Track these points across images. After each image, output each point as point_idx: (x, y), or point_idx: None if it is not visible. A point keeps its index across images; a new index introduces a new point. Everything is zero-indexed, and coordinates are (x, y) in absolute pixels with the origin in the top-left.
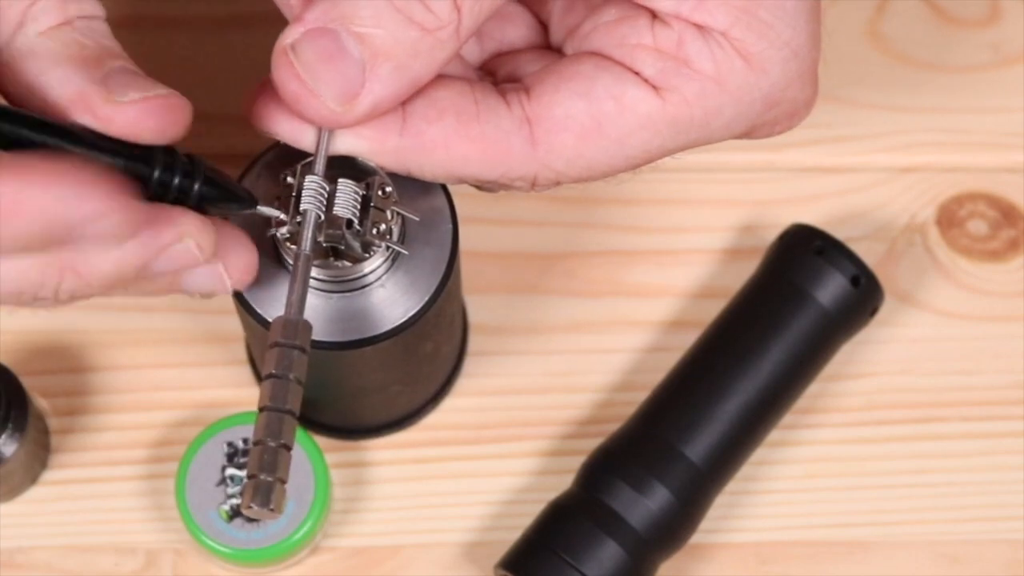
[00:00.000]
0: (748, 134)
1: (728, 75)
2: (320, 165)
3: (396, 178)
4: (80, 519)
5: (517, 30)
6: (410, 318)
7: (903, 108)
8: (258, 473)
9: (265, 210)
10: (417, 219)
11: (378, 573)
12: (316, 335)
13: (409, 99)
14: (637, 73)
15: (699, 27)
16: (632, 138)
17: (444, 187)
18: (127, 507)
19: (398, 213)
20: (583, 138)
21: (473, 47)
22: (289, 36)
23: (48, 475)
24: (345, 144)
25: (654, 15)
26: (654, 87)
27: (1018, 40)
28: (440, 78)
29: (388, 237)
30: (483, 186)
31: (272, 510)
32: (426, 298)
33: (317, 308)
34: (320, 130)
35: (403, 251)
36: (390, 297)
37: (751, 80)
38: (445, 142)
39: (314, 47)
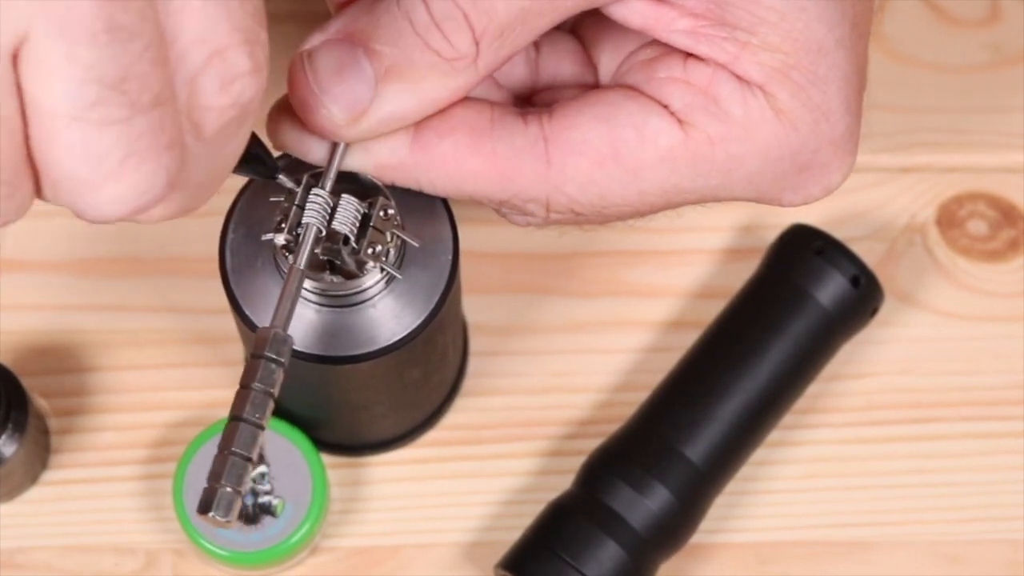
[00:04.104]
0: (776, 198)
1: (757, 124)
2: (329, 180)
3: (401, 202)
4: (80, 519)
5: (573, 67)
6: (395, 342)
7: (903, 108)
8: (213, 482)
9: (284, 180)
10: (417, 245)
11: (378, 573)
12: (300, 346)
13: None
14: (665, 106)
15: (735, 75)
16: (648, 171)
17: (450, 216)
18: (127, 507)
19: (398, 236)
20: (598, 164)
21: (524, 76)
22: (309, 43)
23: (48, 475)
24: (352, 157)
25: (690, 55)
26: (679, 120)
27: (1018, 40)
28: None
29: (383, 259)
30: (500, 210)
31: (221, 519)
32: (415, 324)
33: (305, 319)
34: (333, 145)
35: (397, 274)
36: (379, 319)
37: (780, 135)
38: (455, 157)
39: (328, 58)
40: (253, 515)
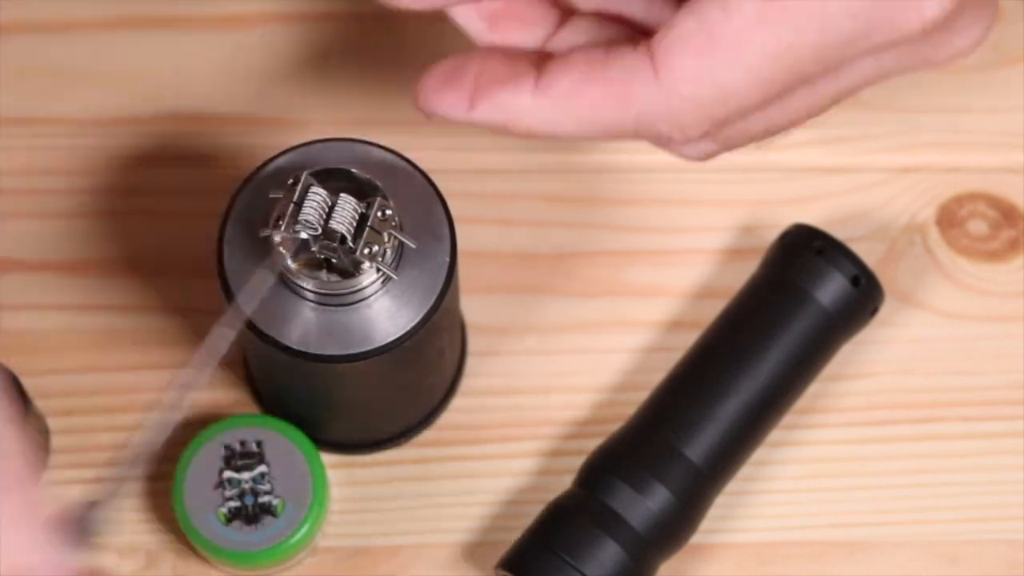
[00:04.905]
0: (891, 39)
1: None
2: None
3: (400, 203)
4: None
5: None
6: (389, 343)
7: (903, 108)
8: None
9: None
10: (414, 246)
11: (378, 573)
12: (295, 343)
13: (542, 59)
14: None
15: None
16: (746, 43)
17: (449, 218)
18: (127, 507)
19: (395, 237)
20: (700, 55)
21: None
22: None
23: (48, 475)
24: (480, 112)
25: None
26: None
27: (1018, 40)
28: None
29: (380, 259)
30: (645, 139)
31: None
32: (410, 325)
33: (301, 317)
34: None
35: (392, 275)
36: (373, 319)
37: None
38: (574, 91)
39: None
40: (253, 515)
